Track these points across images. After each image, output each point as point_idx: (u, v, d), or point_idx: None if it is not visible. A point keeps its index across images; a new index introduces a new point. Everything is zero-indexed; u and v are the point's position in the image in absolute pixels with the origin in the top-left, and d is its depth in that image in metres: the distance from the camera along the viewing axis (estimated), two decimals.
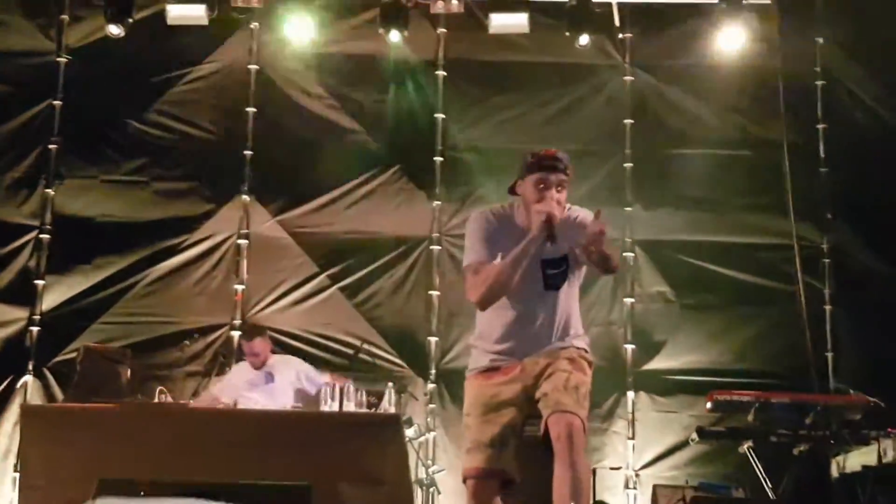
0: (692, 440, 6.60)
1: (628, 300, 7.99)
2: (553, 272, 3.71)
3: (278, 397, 6.62)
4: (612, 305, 7.97)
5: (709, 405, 6.38)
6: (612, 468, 7.56)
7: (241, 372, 6.91)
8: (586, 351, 3.82)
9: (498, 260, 3.66)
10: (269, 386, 6.69)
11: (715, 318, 7.92)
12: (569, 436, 3.49)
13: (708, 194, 8.03)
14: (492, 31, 7.86)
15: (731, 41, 7.79)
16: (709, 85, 8.08)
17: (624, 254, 8.01)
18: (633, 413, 7.79)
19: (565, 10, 7.78)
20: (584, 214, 3.71)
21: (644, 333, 7.96)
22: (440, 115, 8.20)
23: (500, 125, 8.15)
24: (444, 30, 8.22)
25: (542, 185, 3.67)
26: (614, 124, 8.20)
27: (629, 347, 7.92)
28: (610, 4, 7.91)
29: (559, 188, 3.67)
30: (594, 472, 7.43)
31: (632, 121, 8.21)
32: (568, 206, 3.73)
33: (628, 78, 8.26)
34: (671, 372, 7.86)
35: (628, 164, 8.15)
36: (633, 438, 7.76)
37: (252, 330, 7.05)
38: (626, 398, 7.82)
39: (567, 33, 7.79)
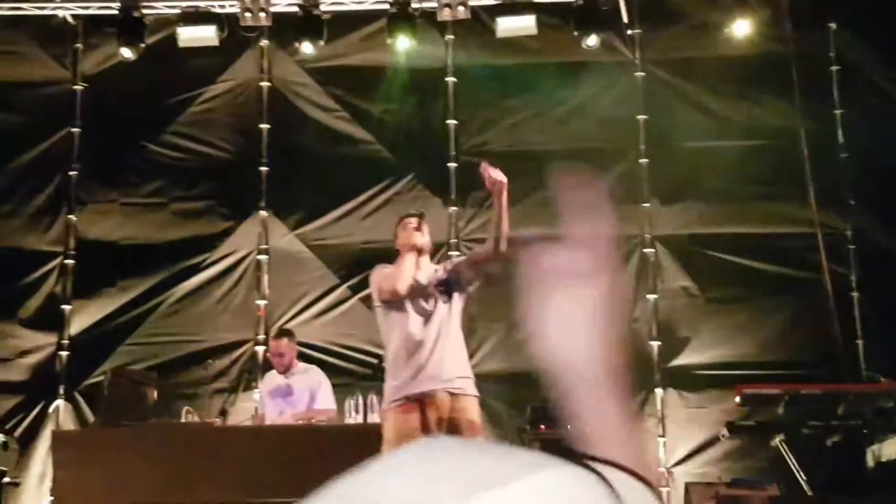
0: (722, 436, 6.53)
1: (651, 297, 7.93)
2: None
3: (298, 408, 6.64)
4: (636, 303, 7.91)
5: (738, 399, 6.31)
6: None
7: (267, 381, 6.91)
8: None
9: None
10: (288, 399, 6.69)
11: (740, 310, 7.84)
12: None
13: (726, 186, 7.95)
14: (499, 34, 7.85)
15: (741, 31, 7.72)
16: (721, 76, 8.01)
17: (644, 250, 7.96)
18: (662, 410, 7.73)
19: (572, 10, 7.77)
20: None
21: (669, 329, 7.90)
22: (452, 122, 8.21)
23: (513, 128, 8.15)
24: (451, 36, 8.24)
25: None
26: (627, 121, 8.16)
27: (655, 344, 7.86)
28: (617, 1, 7.88)
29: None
30: None
31: (645, 116, 8.16)
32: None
33: (639, 74, 8.21)
34: (698, 367, 7.79)
35: (644, 160, 8.10)
36: (663, 436, 7.70)
37: (282, 331, 7.08)
38: (655, 395, 7.76)
39: (575, 33, 7.77)
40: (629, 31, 8.14)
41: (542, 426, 6.97)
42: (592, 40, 7.68)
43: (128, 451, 5.91)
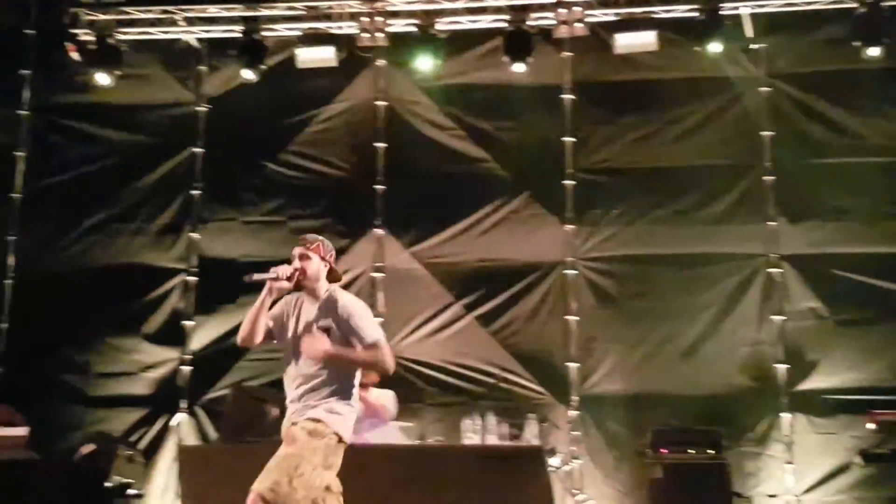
0: (856, 463, 6.24)
1: (777, 318, 7.65)
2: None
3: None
4: (760, 324, 7.65)
5: (872, 425, 6.03)
6: (769, 496, 7.24)
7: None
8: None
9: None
10: (378, 431, 6.62)
11: (872, 332, 7.50)
12: None
13: (857, 204, 7.65)
14: (618, 51, 7.73)
15: (872, 45, 7.40)
16: (851, 91, 7.71)
17: (769, 270, 7.70)
18: (790, 436, 7.44)
19: (694, 25, 7.59)
20: (345, 301, 4.18)
21: (797, 352, 7.61)
22: (569, 139, 8.11)
23: (632, 145, 8.01)
24: (568, 53, 8.14)
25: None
26: (751, 137, 7.92)
27: (782, 367, 7.57)
28: (740, 16, 7.66)
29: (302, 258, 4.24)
30: (750, 499, 7.15)
31: (771, 132, 7.90)
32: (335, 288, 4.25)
33: (764, 89, 7.96)
34: (828, 391, 7.47)
35: (769, 178, 7.84)
36: (791, 463, 7.40)
37: None
38: (782, 420, 7.47)
39: (696, 48, 7.59)
40: (753, 46, 7.90)
41: (664, 449, 6.80)
42: (716, 49, 7.49)
43: (252, 467, 5.96)
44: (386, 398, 6.62)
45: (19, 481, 7.17)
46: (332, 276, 4.31)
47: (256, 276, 4.00)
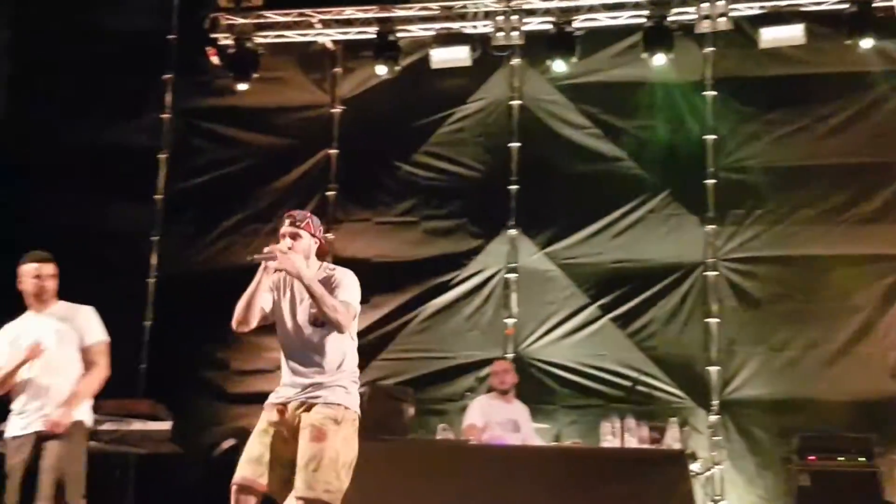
0: None
1: None
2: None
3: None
4: None
5: None
6: None
7: (494, 408, 6.71)
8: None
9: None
10: (515, 435, 6.53)
11: None
12: None
13: None
14: (763, 45, 7.50)
15: None
16: None
17: None
18: None
19: (844, 18, 7.32)
20: (339, 275, 4.10)
21: None
22: (710, 137, 7.91)
23: (776, 142, 7.76)
24: (711, 48, 7.94)
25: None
26: None
27: None
28: (893, 8, 7.33)
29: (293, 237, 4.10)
30: None
31: None
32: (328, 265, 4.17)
33: None
34: None
35: None
36: None
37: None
38: None
39: (847, 42, 7.30)
40: None
41: (812, 456, 6.55)
42: (867, 44, 7.18)
43: (388, 465, 5.98)
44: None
45: (163, 474, 7.42)
46: (322, 251, 4.25)
47: (257, 257, 3.98)
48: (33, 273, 4.85)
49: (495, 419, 6.54)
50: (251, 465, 3.94)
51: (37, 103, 8.76)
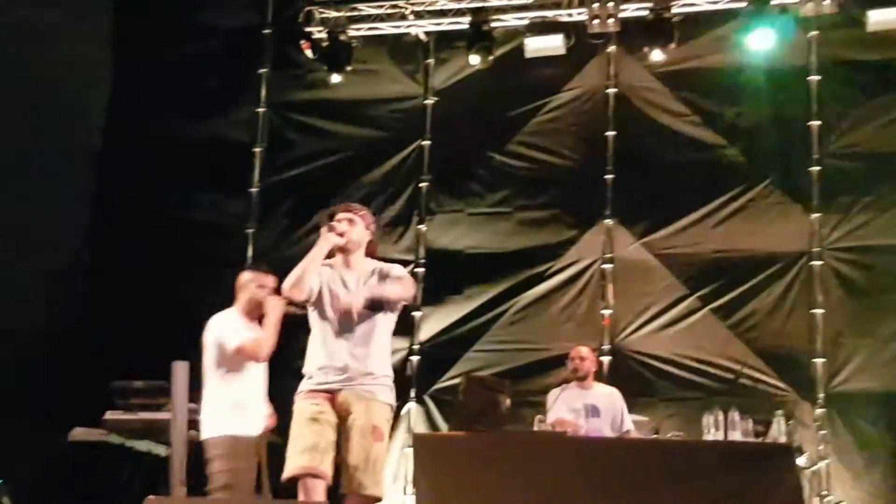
0: None
1: None
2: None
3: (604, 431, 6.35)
4: None
5: None
6: None
7: (573, 396, 6.61)
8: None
9: None
10: (594, 420, 6.40)
11: None
12: None
13: None
14: (870, 28, 7.27)
15: None
16: None
17: None
18: None
19: None
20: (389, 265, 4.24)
21: None
22: (815, 122, 7.68)
23: (885, 127, 7.51)
24: (815, 32, 7.71)
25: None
26: None
27: None
28: None
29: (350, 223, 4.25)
30: None
31: None
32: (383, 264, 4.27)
33: None
34: None
35: None
36: None
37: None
38: None
39: None
40: None
41: None
42: None
43: (485, 457, 5.92)
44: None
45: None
46: (370, 249, 4.27)
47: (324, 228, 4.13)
48: None
49: (570, 406, 6.46)
50: (309, 454, 3.98)
51: (137, 100, 8.94)
